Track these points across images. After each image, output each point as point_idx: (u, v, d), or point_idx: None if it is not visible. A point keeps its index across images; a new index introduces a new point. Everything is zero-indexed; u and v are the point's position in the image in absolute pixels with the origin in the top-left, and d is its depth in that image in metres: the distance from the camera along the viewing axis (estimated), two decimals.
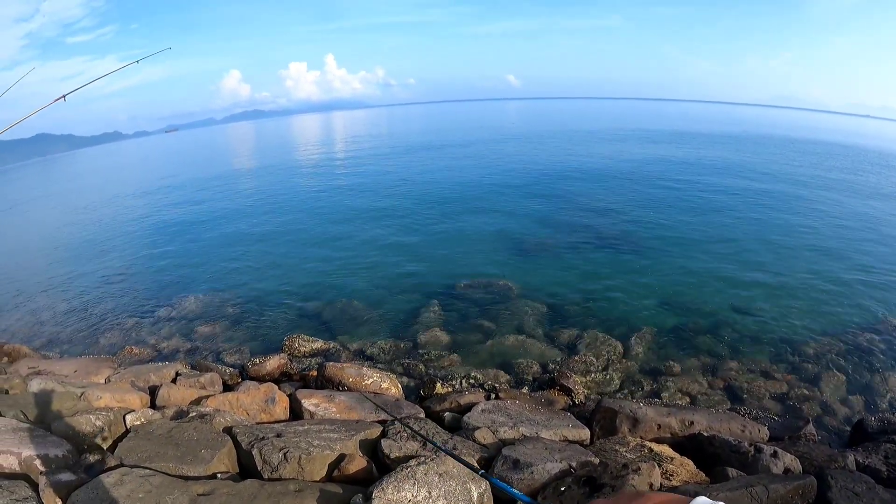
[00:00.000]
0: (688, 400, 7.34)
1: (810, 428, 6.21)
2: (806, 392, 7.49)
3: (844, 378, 7.86)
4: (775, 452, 4.87)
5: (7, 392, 5.80)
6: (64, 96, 4.55)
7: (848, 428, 6.69)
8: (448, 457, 3.88)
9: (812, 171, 28.51)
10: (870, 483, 4.63)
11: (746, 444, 5.11)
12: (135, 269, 14.98)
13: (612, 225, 16.03)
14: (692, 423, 5.76)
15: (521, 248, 14.29)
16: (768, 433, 5.95)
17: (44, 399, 5.35)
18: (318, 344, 9.07)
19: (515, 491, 1.35)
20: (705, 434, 5.54)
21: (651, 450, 4.97)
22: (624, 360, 8.48)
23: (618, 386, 7.80)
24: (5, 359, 8.59)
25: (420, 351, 8.90)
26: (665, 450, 5.06)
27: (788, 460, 4.85)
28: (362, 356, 8.81)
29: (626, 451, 4.93)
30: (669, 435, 5.65)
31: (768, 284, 11.30)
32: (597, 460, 4.57)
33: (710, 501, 0.87)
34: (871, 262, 12.71)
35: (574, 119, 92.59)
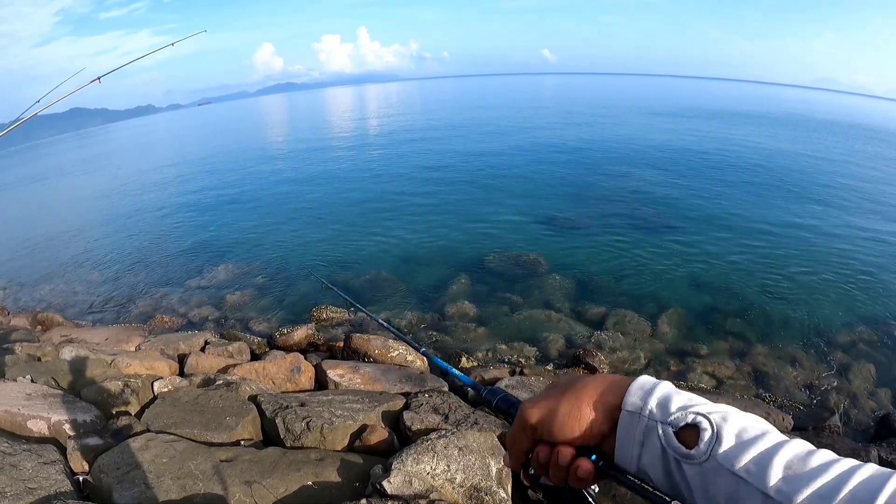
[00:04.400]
0: (714, 383, 7.19)
1: (835, 420, 6.09)
2: (834, 382, 7.23)
3: (875, 371, 7.55)
4: None
5: (39, 359, 5.94)
6: (99, 78, 4.58)
7: (874, 422, 6.52)
8: (469, 431, 3.88)
9: (859, 157, 27.68)
10: None
11: None
12: (166, 239, 15.16)
13: (646, 203, 15.71)
14: None
15: (552, 222, 14.12)
16: (793, 422, 5.88)
17: (74, 366, 5.46)
18: (346, 315, 9.11)
19: (458, 372, 1.31)
20: None
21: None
22: (651, 340, 8.32)
23: (644, 365, 7.64)
24: (39, 327, 8.80)
25: (447, 323, 8.87)
26: None
27: None
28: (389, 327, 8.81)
29: None
30: None
31: (804, 270, 10.92)
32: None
33: (652, 381, 0.80)
34: None
35: (612, 96, 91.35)
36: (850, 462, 0.63)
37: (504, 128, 36.90)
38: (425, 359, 7.08)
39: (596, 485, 0.86)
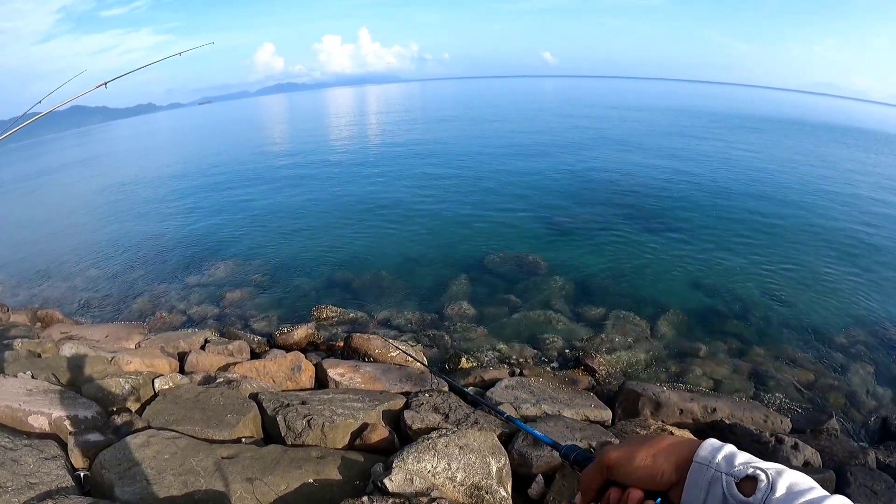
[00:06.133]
0: (712, 384, 7.17)
1: (833, 422, 6.09)
2: (832, 384, 7.26)
3: (873, 373, 7.58)
4: (796, 444, 4.82)
5: (40, 356, 5.93)
6: (105, 84, 4.59)
7: (872, 425, 6.54)
8: (469, 430, 3.88)
9: (857, 162, 27.72)
10: (889, 482, 4.58)
11: (768, 434, 5.05)
12: (165, 236, 15.18)
13: (645, 205, 15.74)
14: (714, 409, 5.71)
15: (552, 224, 14.15)
16: (791, 425, 5.88)
17: (75, 363, 5.46)
18: (346, 314, 9.12)
19: (538, 433, 1.38)
20: (727, 422, 5.50)
21: (672, 434, 4.91)
22: (650, 340, 8.34)
23: (643, 366, 7.65)
24: (39, 324, 8.79)
25: (446, 323, 8.88)
26: (686, 435, 5.00)
27: (809, 453, 4.80)
28: (389, 327, 8.81)
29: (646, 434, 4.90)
30: (691, 420, 5.63)
31: (802, 272, 10.97)
32: (617, 441, 4.55)
33: (720, 443, 0.91)
34: None
35: (611, 99, 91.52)
36: None
37: (504, 130, 36.95)
38: (425, 359, 7.11)
39: None
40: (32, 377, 4.98)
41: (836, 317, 9.14)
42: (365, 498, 3.15)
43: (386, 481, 3.27)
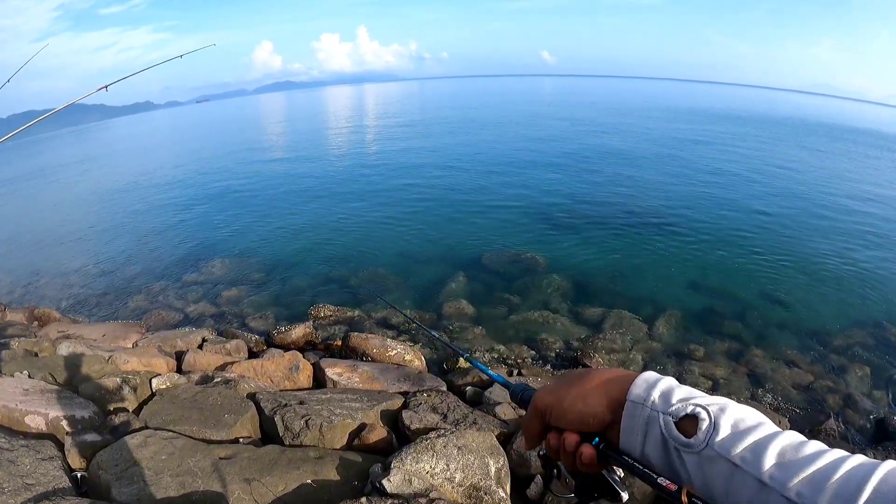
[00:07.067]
0: (710, 384, 7.18)
1: (831, 423, 6.11)
2: (829, 384, 7.25)
3: (870, 374, 7.59)
4: None
5: (37, 355, 5.90)
6: (106, 87, 4.59)
7: (869, 426, 6.54)
8: (468, 430, 3.87)
9: (856, 163, 27.80)
10: None
11: None
12: (162, 234, 15.15)
13: (644, 204, 15.72)
14: None
15: (550, 221, 14.13)
16: (788, 425, 5.87)
17: (72, 362, 5.44)
18: (344, 313, 9.10)
19: (492, 372, 1.37)
20: None
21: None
22: (648, 341, 8.33)
23: (641, 367, 7.61)
24: (35, 322, 8.77)
25: (444, 322, 8.86)
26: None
27: None
28: (387, 326, 8.79)
29: None
30: None
31: (800, 273, 10.96)
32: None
33: (656, 376, 0.85)
34: None
35: (611, 98, 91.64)
36: (840, 452, 0.68)
37: (504, 129, 36.96)
38: (423, 359, 7.10)
39: (620, 470, 0.89)
40: (29, 377, 4.96)
41: (834, 318, 9.14)
42: (363, 499, 3.14)
43: (384, 482, 3.26)
